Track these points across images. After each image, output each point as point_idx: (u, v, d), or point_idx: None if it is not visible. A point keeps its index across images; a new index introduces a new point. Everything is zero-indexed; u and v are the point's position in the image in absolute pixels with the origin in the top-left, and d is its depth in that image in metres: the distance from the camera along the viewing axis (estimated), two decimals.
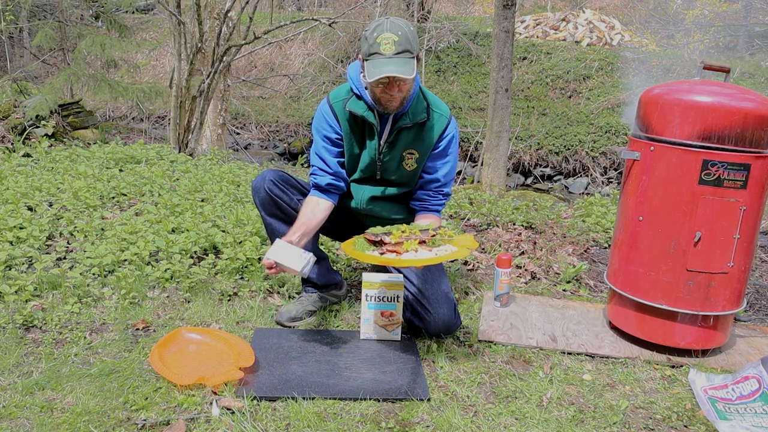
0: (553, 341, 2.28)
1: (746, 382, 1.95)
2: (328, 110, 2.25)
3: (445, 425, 1.75)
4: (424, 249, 2.01)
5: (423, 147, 2.27)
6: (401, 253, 1.98)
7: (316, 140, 2.30)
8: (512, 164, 9.62)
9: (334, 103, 2.25)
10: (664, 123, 2.11)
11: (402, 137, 2.24)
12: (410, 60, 2.02)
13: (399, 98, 2.11)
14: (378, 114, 2.20)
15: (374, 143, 2.25)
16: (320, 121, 2.28)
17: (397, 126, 2.21)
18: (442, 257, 1.98)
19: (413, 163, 2.29)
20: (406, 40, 2.01)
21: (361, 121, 2.24)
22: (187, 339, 2.09)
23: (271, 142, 11.54)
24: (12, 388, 1.82)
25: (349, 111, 2.21)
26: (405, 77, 2.00)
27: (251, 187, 2.32)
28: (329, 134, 2.27)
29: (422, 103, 2.24)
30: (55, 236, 3.01)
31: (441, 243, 2.05)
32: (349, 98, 2.22)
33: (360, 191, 2.36)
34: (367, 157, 2.28)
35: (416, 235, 2.03)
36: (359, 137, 2.27)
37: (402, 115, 2.21)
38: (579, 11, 13.71)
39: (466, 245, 2.05)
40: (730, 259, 2.11)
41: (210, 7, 6.93)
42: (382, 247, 2.01)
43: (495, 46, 5.91)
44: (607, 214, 3.86)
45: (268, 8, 12.04)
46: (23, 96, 7.34)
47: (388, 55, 1.99)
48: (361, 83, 2.19)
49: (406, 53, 2.01)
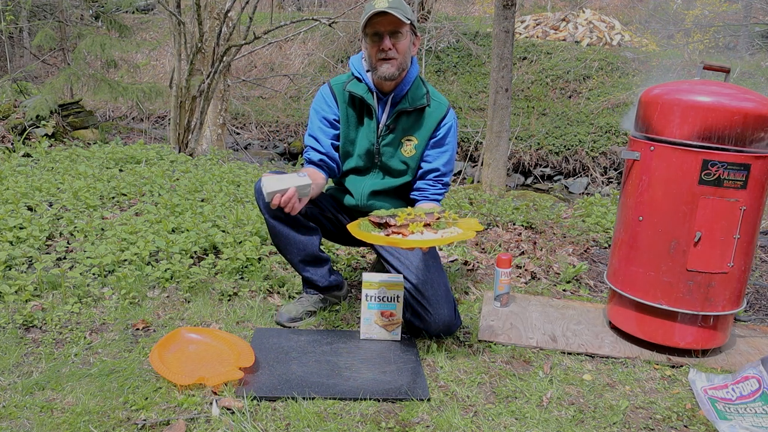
0: (553, 341, 2.28)
1: (746, 382, 1.95)
2: (328, 92, 2.32)
3: (445, 425, 1.75)
4: (429, 231, 2.01)
5: (422, 133, 2.30)
6: (407, 235, 1.98)
7: (313, 120, 2.35)
8: (512, 164, 9.62)
9: (335, 85, 2.32)
10: (664, 123, 2.11)
11: (401, 122, 2.28)
12: (403, 15, 2.12)
13: (395, 62, 2.16)
14: (377, 97, 2.26)
15: (372, 126, 2.29)
16: (319, 102, 2.33)
17: (397, 109, 2.26)
18: (448, 239, 1.97)
19: (412, 149, 2.32)
20: (399, 3, 2.13)
21: (360, 103, 2.29)
22: (187, 339, 2.09)
23: (271, 142, 11.54)
24: (12, 388, 1.82)
25: (348, 92, 2.27)
26: (395, 15, 2.09)
27: (254, 190, 2.32)
28: (327, 115, 2.31)
29: (422, 90, 2.30)
30: (55, 236, 3.01)
31: (446, 226, 2.04)
32: (349, 81, 2.30)
33: (360, 185, 2.36)
34: (366, 141, 2.31)
35: (421, 217, 2.03)
36: (357, 120, 2.31)
37: (401, 98, 2.26)
38: (579, 11, 13.71)
39: (471, 227, 2.04)
40: (730, 259, 2.11)
41: (210, 7, 6.93)
42: (387, 229, 2.01)
43: (495, 46, 5.91)
44: (607, 214, 3.86)
45: (268, 8, 12.04)
46: (23, 96, 7.34)
47: (381, 6, 2.10)
48: (362, 67, 2.27)
49: (398, 9, 2.11)
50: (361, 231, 2.01)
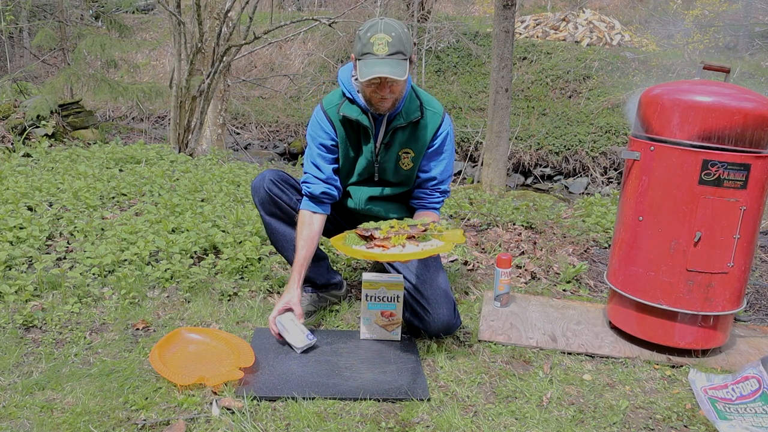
0: (553, 341, 2.28)
1: (746, 382, 1.95)
2: (322, 117, 2.25)
3: (445, 425, 1.75)
4: (411, 244, 2.01)
5: (418, 146, 2.27)
6: (388, 248, 1.98)
7: (311, 147, 2.29)
8: (512, 164, 9.62)
9: (328, 109, 2.25)
10: (664, 123, 2.11)
11: (397, 137, 2.25)
12: (403, 62, 2.02)
13: (391, 99, 2.11)
14: (372, 117, 2.20)
15: (370, 146, 2.25)
16: (315, 129, 2.27)
17: (392, 126, 2.22)
18: (427, 252, 1.97)
19: (409, 162, 2.30)
20: (399, 42, 2.00)
21: (356, 125, 2.24)
22: (187, 339, 2.09)
23: (271, 142, 11.54)
24: (12, 388, 1.82)
25: (343, 115, 2.21)
26: (397, 79, 2.00)
27: (251, 187, 2.32)
28: (324, 141, 2.26)
29: (415, 102, 2.24)
30: (55, 236, 3.01)
31: (431, 238, 2.05)
32: (342, 103, 2.22)
33: (358, 192, 2.36)
34: (364, 161, 2.29)
35: (405, 230, 2.04)
36: (355, 141, 2.27)
37: (396, 115, 2.21)
38: (579, 11, 13.72)
39: (452, 240, 2.05)
40: (730, 259, 2.11)
41: (210, 7, 6.94)
42: (370, 242, 2.02)
43: (495, 46, 5.92)
44: (607, 214, 3.86)
45: (268, 8, 12.05)
46: (23, 96, 7.34)
47: (380, 56, 1.98)
48: (353, 86, 2.19)
49: (398, 54, 2.00)
50: (343, 245, 2.03)
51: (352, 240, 2.07)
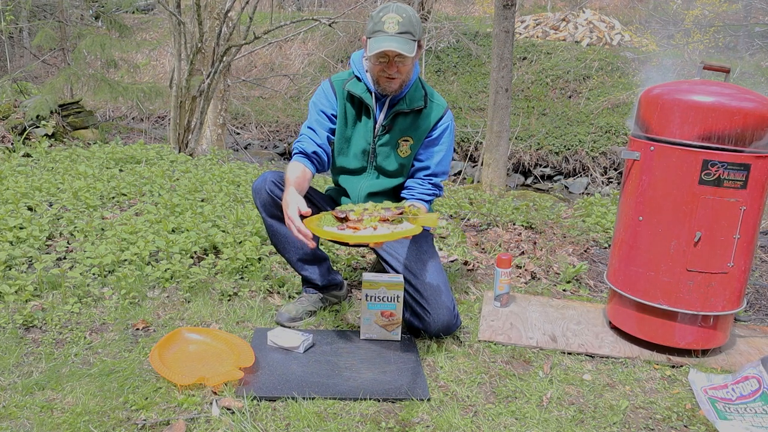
0: (553, 341, 2.28)
1: (746, 382, 1.95)
2: (328, 87, 2.32)
3: (445, 425, 1.75)
4: (384, 227, 2.00)
5: (418, 134, 2.31)
6: (359, 230, 1.97)
7: (311, 114, 2.34)
8: (512, 164, 9.62)
9: (335, 81, 2.32)
10: (664, 123, 2.11)
11: (398, 123, 2.29)
12: (412, 41, 2.10)
13: (398, 80, 2.17)
14: (375, 97, 2.26)
15: (369, 126, 2.29)
16: (319, 96, 2.34)
17: (394, 110, 2.26)
18: (397, 234, 1.96)
19: (408, 149, 2.33)
20: (409, 23, 2.09)
21: (358, 102, 2.29)
22: (187, 339, 2.09)
23: (271, 142, 11.54)
24: (12, 388, 1.82)
25: (347, 91, 2.28)
26: (404, 54, 2.07)
27: (252, 189, 2.32)
28: (325, 109, 2.32)
29: (420, 92, 2.30)
30: (55, 236, 3.01)
31: (405, 221, 2.04)
32: (349, 79, 2.30)
33: (356, 186, 2.37)
34: (362, 141, 2.31)
35: (378, 212, 2.03)
36: (354, 118, 2.31)
37: (399, 100, 2.26)
38: (579, 11, 13.72)
39: (427, 222, 2.05)
40: (730, 259, 2.11)
41: (210, 7, 6.94)
42: (343, 224, 2.01)
43: (495, 46, 5.92)
44: (607, 214, 3.86)
45: (268, 8, 12.04)
46: (23, 96, 7.34)
47: (390, 33, 2.07)
48: (362, 66, 2.27)
49: (408, 34, 2.09)
50: (316, 227, 1.99)
51: (327, 221, 2.05)
